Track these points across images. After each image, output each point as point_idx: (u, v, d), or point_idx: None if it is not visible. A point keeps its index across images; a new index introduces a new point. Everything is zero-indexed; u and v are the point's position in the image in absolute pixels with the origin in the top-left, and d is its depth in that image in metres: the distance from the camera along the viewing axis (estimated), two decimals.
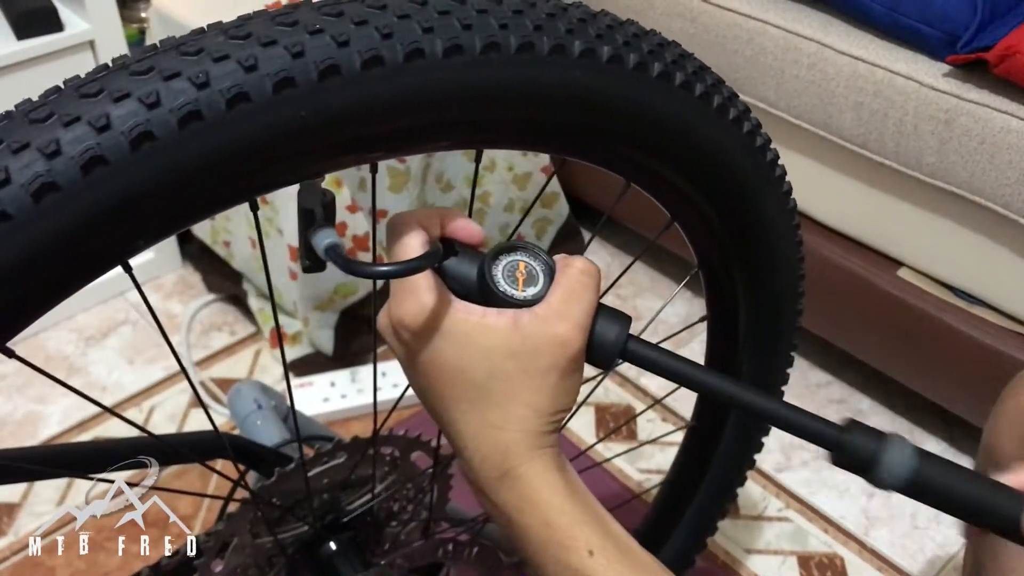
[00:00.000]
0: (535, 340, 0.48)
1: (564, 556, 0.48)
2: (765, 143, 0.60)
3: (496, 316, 0.49)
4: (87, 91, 0.39)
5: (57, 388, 1.48)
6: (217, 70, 0.39)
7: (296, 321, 1.56)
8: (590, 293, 0.50)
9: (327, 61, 0.41)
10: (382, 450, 0.76)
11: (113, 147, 0.38)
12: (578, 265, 0.50)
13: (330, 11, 0.42)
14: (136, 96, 0.38)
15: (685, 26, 1.38)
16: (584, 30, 0.48)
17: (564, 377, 0.49)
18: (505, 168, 1.59)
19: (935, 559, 1.31)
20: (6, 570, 1.24)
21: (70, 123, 0.38)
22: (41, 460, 0.73)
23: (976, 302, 1.28)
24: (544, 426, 0.49)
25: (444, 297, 0.49)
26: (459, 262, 0.50)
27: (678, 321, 1.64)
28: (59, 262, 0.39)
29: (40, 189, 0.37)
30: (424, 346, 0.49)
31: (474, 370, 0.49)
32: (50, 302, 0.41)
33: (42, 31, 1.39)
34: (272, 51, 0.40)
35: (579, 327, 0.49)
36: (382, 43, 0.42)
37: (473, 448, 0.50)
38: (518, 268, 0.50)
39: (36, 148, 0.37)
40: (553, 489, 0.49)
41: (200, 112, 0.39)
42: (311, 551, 0.77)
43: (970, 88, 1.14)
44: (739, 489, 0.92)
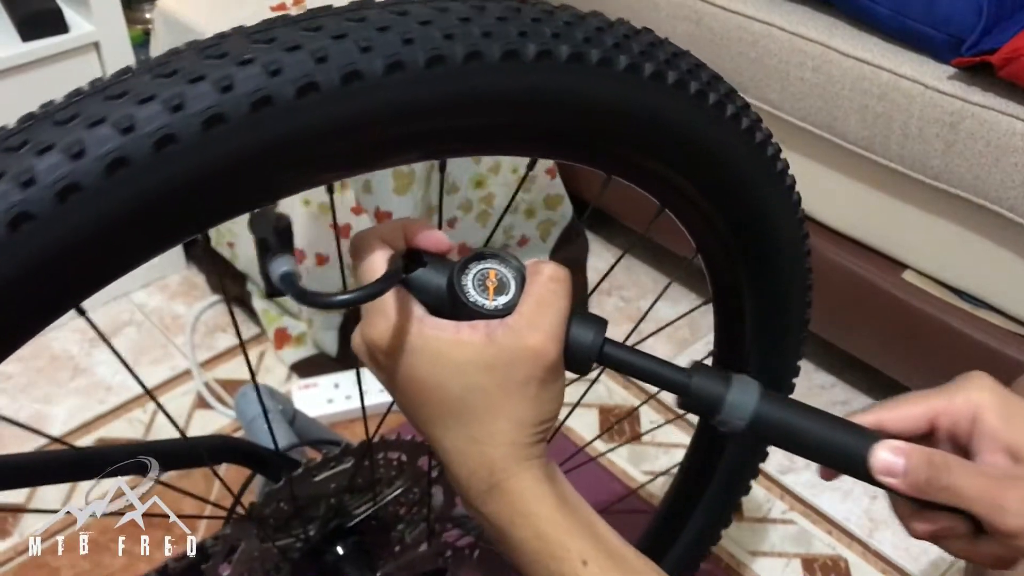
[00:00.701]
0: (510, 353, 0.47)
1: (557, 567, 0.48)
2: (765, 139, 0.59)
3: (469, 331, 0.48)
4: (111, 93, 0.39)
5: (62, 389, 1.48)
6: (242, 73, 0.39)
7: (300, 322, 1.56)
8: (561, 300, 0.49)
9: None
10: (388, 454, 0.76)
11: (136, 149, 0.38)
12: (547, 272, 0.49)
13: (353, 16, 0.42)
14: (160, 99, 0.38)
15: (690, 28, 1.38)
16: (603, 38, 0.48)
17: (543, 387, 0.48)
18: (510, 170, 1.59)
19: (939, 561, 1.31)
20: (10, 571, 1.24)
21: (94, 124, 0.38)
22: (46, 465, 0.73)
23: (980, 305, 1.28)
24: (529, 438, 0.49)
25: (415, 314, 0.48)
26: (427, 273, 0.49)
27: (683, 322, 1.64)
28: (84, 259, 0.39)
29: (64, 190, 0.37)
30: (399, 365, 0.48)
31: (451, 386, 0.48)
32: (75, 299, 0.41)
33: (47, 33, 1.39)
34: (297, 55, 0.40)
35: (552, 336, 0.48)
36: (403, 48, 0.42)
37: (459, 463, 0.49)
38: (488, 276, 0.49)
39: (60, 149, 0.37)
40: (542, 501, 0.49)
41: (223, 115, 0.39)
42: (317, 556, 0.77)
43: (975, 91, 1.14)
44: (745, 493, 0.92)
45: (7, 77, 1.37)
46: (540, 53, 0.46)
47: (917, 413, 0.51)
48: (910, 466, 0.48)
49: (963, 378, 0.52)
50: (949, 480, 0.48)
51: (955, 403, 0.50)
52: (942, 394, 0.51)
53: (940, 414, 0.51)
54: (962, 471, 0.48)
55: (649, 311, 0.77)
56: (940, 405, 0.51)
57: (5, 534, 1.29)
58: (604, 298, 1.71)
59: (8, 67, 1.36)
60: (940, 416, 0.51)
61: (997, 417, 0.49)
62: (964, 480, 0.48)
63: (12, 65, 1.36)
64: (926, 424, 0.51)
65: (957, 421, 0.50)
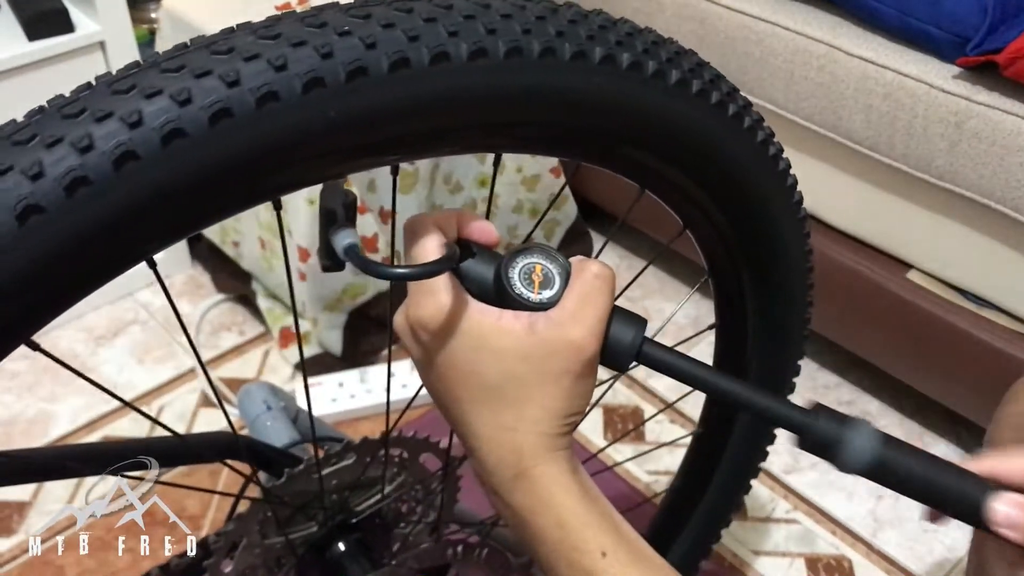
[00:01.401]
0: (550, 344, 0.48)
1: (577, 558, 0.49)
2: (768, 138, 0.59)
3: (512, 319, 0.49)
4: (119, 88, 0.39)
5: (67, 388, 1.49)
6: (248, 68, 0.40)
7: (305, 321, 1.56)
8: (604, 297, 0.50)
9: (355, 63, 0.41)
10: (391, 451, 0.76)
11: (144, 142, 0.38)
12: (593, 269, 0.50)
13: (358, 13, 0.43)
14: (168, 93, 0.39)
15: (694, 28, 1.38)
16: (607, 36, 0.48)
17: (578, 381, 0.50)
18: (514, 170, 1.59)
19: (943, 561, 1.31)
20: (16, 568, 1.25)
21: (102, 119, 0.38)
22: (50, 461, 0.73)
23: (985, 305, 1.28)
24: (558, 428, 0.50)
25: (461, 298, 0.49)
26: (476, 264, 0.51)
27: (687, 322, 1.64)
28: (91, 254, 0.39)
29: (72, 183, 0.37)
30: (441, 346, 0.50)
31: (489, 372, 0.49)
32: (80, 294, 0.41)
33: (53, 32, 1.39)
34: (301, 51, 0.41)
35: (593, 332, 0.49)
36: (408, 45, 0.42)
37: (487, 449, 0.50)
38: (534, 271, 0.51)
39: (69, 143, 0.37)
40: (567, 491, 0.49)
41: (230, 110, 0.39)
42: (320, 552, 0.77)
43: (980, 90, 1.13)
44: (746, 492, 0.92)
45: (13, 76, 1.38)
46: (544, 51, 0.46)
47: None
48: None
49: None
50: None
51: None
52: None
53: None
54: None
55: (656, 311, 0.77)
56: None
57: (10, 532, 1.29)
58: None
59: (14, 66, 1.37)
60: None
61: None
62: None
63: (18, 64, 1.37)
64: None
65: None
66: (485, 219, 0.52)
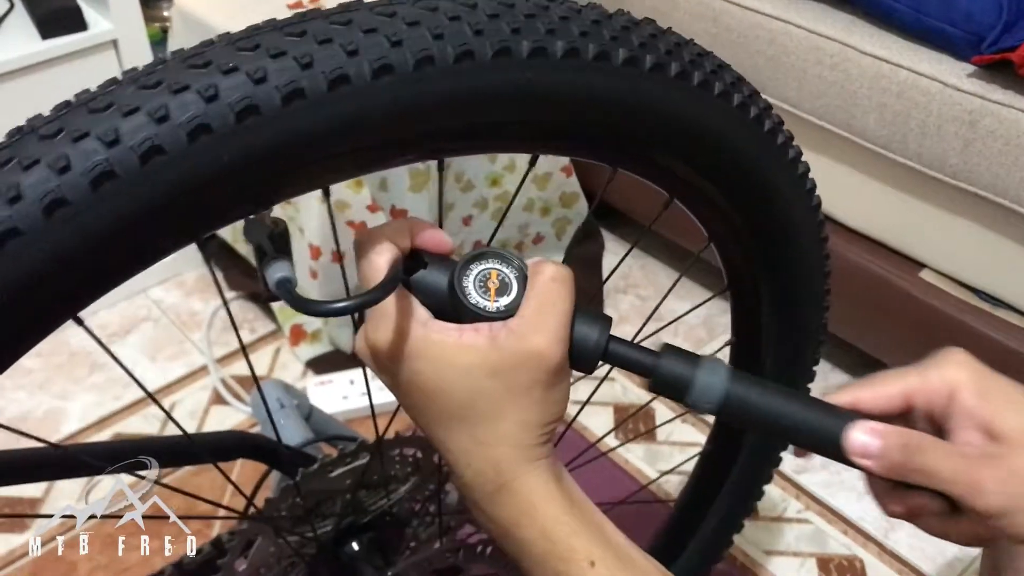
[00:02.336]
0: (514, 357, 0.47)
1: (564, 568, 0.47)
2: (786, 140, 0.59)
3: (473, 335, 0.47)
4: (146, 82, 0.39)
5: (79, 385, 1.49)
6: (275, 65, 0.40)
7: (316, 319, 1.57)
8: (564, 301, 0.48)
9: (381, 61, 0.41)
10: (403, 450, 0.76)
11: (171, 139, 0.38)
12: (548, 272, 0.48)
13: (384, 11, 0.43)
14: (195, 89, 0.39)
15: (708, 26, 1.37)
16: (628, 37, 0.48)
17: (548, 390, 0.48)
18: (525, 168, 1.59)
19: (955, 562, 1.30)
20: (28, 565, 1.25)
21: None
22: (56, 460, 0.73)
23: (999, 304, 1.27)
24: (534, 439, 0.48)
25: (418, 317, 0.48)
26: (429, 274, 0.49)
27: (698, 322, 1.64)
28: (114, 249, 0.39)
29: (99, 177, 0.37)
30: (402, 369, 0.48)
31: (456, 390, 0.47)
32: (114, 281, 0.41)
33: (66, 31, 1.40)
34: (326, 51, 0.41)
35: (557, 338, 0.47)
36: (433, 43, 0.42)
37: (464, 464, 0.49)
38: (490, 277, 0.49)
39: (96, 136, 0.38)
40: (549, 501, 0.48)
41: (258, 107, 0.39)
42: (332, 552, 0.77)
43: (995, 89, 1.13)
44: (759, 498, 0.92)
45: (27, 74, 1.38)
46: (568, 51, 0.46)
47: (893, 392, 0.50)
48: (885, 447, 0.47)
49: (939, 355, 0.50)
50: (924, 461, 0.47)
51: (931, 381, 0.49)
52: (918, 372, 0.50)
53: (916, 392, 0.49)
54: (937, 452, 0.47)
55: (669, 312, 0.77)
56: (916, 383, 0.50)
57: (22, 528, 1.30)
58: (620, 296, 1.71)
59: (28, 64, 1.37)
60: (916, 394, 0.50)
61: (973, 395, 0.48)
62: (939, 461, 0.47)
63: (32, 63, 1.38)
64: (902, 403, 0.50)
65: (933, 399, 0.49)
66: (438, 226, 0.50)
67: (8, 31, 1.41)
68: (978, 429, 0.47)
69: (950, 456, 0.47)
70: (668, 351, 0.50)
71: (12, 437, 0.51)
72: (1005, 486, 0.46)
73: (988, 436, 0.47)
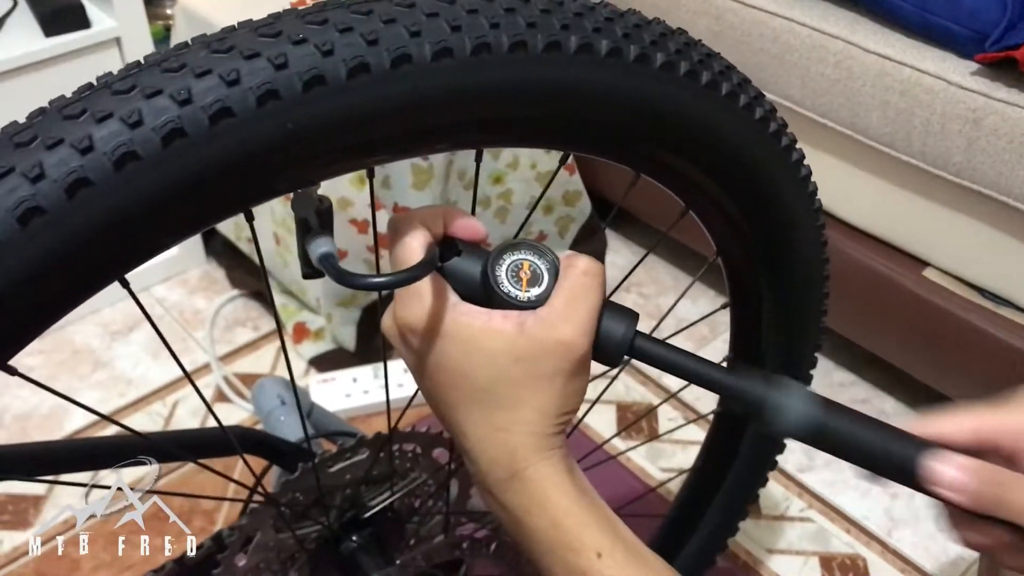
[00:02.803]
0: (540, 344, 0.48)
1: (572, 558, 0.48)
2: (780, 131, 0.59)
3: (501, 320, 0.48)
4: (119, 87, 0.39)
5: (83, 382, 1.49)
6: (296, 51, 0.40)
7: (319, 317, 1.57)
8: (594, 293, 0.49)
9: (400, 50, 0.42)
10: (403, 446, 0.76)
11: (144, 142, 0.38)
12: (580, 265, 0.50)
13: (360, 9, 0.43)
14: (167, 93, 0.39)
15: (711, 24, 1.37)
16: (642, 35, 0.49)
17: (570, 380, 0.49)
18: (528, 166, 1.59)
19: (958, 560, 1.30)
20: (32, 562, 1.25)
21: (103, 119, 0.38)
22: (59, 456, 0.73)
23: (1003, 303, 1.27)
24: (551, 428, 0.49)
25: (449, 300, 0.48)
26: (463, 261, 0.50)
27: (698, 317, 1.64)
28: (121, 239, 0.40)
29: (122, 158, 0.38)
30: (429, 349, 0.49)
31: (479, 374, 0.48)
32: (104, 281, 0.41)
33: (69, 28, 1.40)
34: (349, 37, 0.41)
35: (583, 330, 0.48)
36: (410, 40, 0.42)
37: (480, 450, 0.50)
38: (522, 268, 0.50)
39: (119, 118, 0.38)
40: (561, 491, 0.49)
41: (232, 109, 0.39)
42: (333, 547, 0.77)
43: (999, 87, 1.12)
44: (760, 489, 0.92)
45: (30, 72, 1.38)
46: (581, 47, 0.46)
47: (968, 427, 0.50)
48: (972, 482, 0.48)
49: (1017, 393, 0.51)
50: (1008, 496, 0.47)
51: (1007, 419, 0.50)
52: (996, 409, 0.50)
53: (991, 429, 0.50)
54: (1021, 488, 0.47)
55: (671, 310, 0.77)
56: (994, 421, 0.50)
57: (26, 525, 1.30)
58: (623, 295, 1.71)
59: (31, 62, 1.38)
60: (991, 431, 0.50)
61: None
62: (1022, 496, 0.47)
63: (35, 60, 1.38)
64: (976, 438, 0.50)
65: (1008, 437, 0.49)
66: (471, 215, 0.51)
67: (11, 29, 1.41)
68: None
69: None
70: (742, 369, 0.51)
71: (14, 432, 0.51)
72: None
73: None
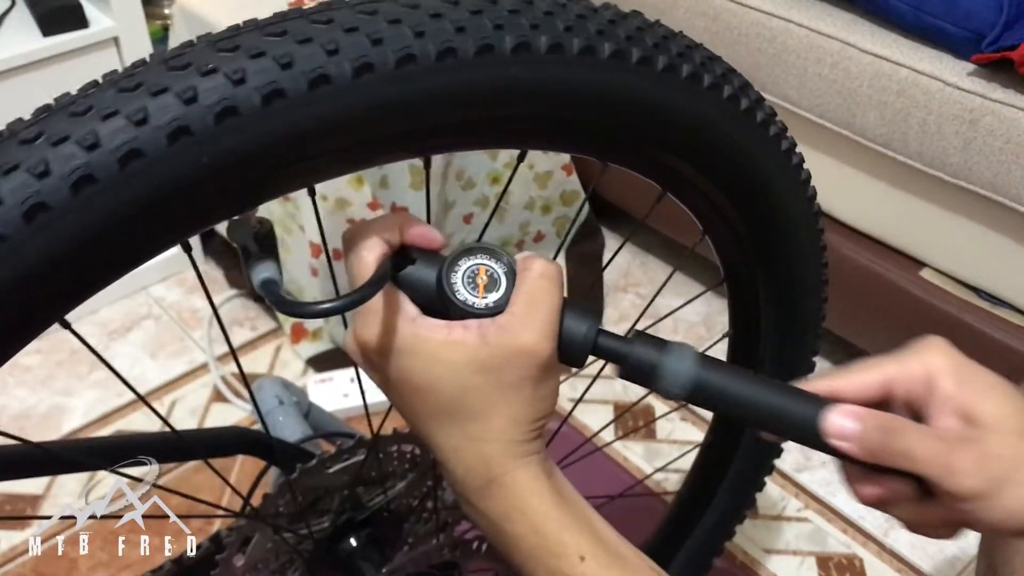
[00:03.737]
0: (503, 353, 0.47)
1: (555, 563, 0.48)
2: (779, 132, 0.60)
3: (462, 331, 0.47)
4: (125, 85, 0.39)
5: (81, 382, 1.49)
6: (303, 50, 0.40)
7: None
8: (552, 297, 0.48)
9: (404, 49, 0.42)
10: (401, 447, 0.76)
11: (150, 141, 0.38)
12: (537, 268, 0.48)
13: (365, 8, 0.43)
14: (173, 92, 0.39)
15: (708, 24, 1.37)
16: (615, 32, 0.48)
17: (538, 386, 0.48)
18: (526, 166, 1.59)
19: (954, 560, 1.30)
20: (30, 561, 1.25)
21: (108, 117, 0.38)
22: (57, 455, 0.73)
23: (999, 303, 1.27)
24: (524, 435, 0.49)
25: (407, 314, 0.47)
26: (417, 270, 0.48)
27: (698, 319, 1.64)
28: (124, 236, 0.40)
29: (127, 155, 0.38)
30: (391, 366, 0.48)
31: (445, 387, 0.47)
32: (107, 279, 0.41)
33: (67, 28, 1.40)
34: (354, 36, 0.41)
35: (545, 334, 0.47)
36: (414, 41, 0.42)
37: (455, 460, 0.49)
38: (478, 273, 0.48)
39: (124, 115, 0.38)
40: (540, 496, 0.48)
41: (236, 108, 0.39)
42: (330, 548, 0.77)
43: (995, 87, 1.13)
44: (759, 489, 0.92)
45: (28, 71, 1.38)
46: (583, 49, 0.46)
47: (870, 379, 0.50)
48: (864, 430, 0.48)
49: (918, 343, 0.50)
50: (902, 443, 0.47)
51: (909, 368, 0.49)
52: (896, 360, 0.50)
53: (894, 379, 0.50)
54: (915, 434, 0.47)
55: (667, 309, 0.77)
56: (894, 371, 0.50)
57: (23, 524, 1.30)
58: (620, 295, 1.71)
59: (29, 62, 1.38)
60: (894, 381, 0.50)
61: (951, 380, 0.48)
62: (917, 443, 0.47)
63: (33, 60, 1.38)
64: (879, 390, 0.50)
65: (911, 386, 0.49)
66: (426, 223, 0.50)
67: (9, 28, 1.41)
68: (955, 414, 0.48)
69: (927, 438, 0.47)
70: (638, 337, 0.50)
71: (13, 431, 0.51)
72: (980, 468, 0.46)
73: (965, 421, 0.47)
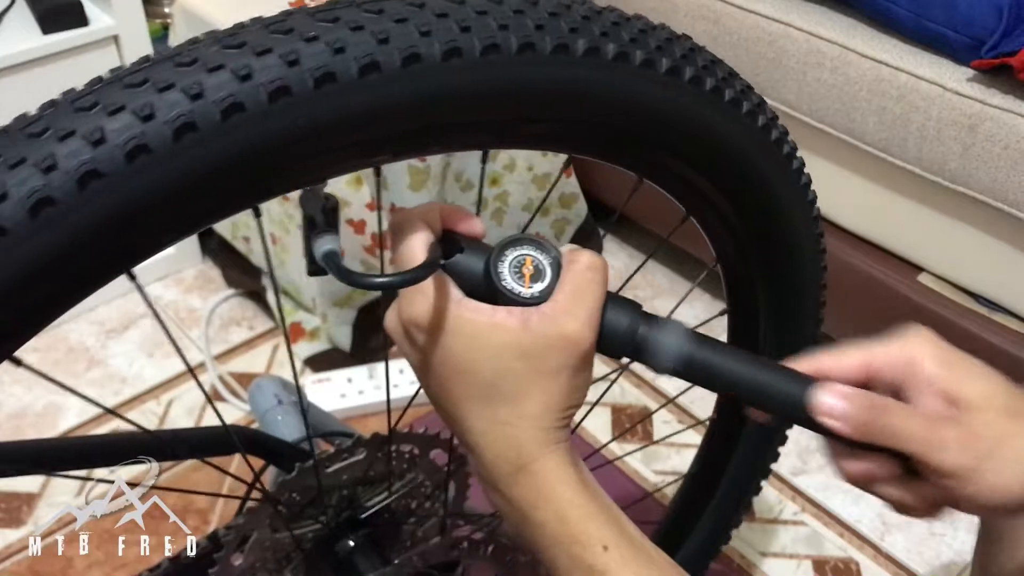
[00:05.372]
0: (545, 340, 0.48)
1: (578, 551, 0.48)
2: (782, 138, 0.60)
3: (505, 315, 0.48)
4: (131, 81, 0.40)
5: (78, 380, 1.49)
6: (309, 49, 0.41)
7: (314, 317, 1.57)
8: (597, 288, 0.50)
9: (368, 57, 0.42)
10: (401, 447, 0.76)
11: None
12: (584, 260, 0.50)
13: (371, 8, 0.43)
14: (180, 87, 0.39)
15: (708, 28, 1.37)
16: (618, 33, 0.49)
17: (575, 374, 0.49)
18: (525, 168, 1.59)
19: (951, 565, 1.31)
20: (25, 560, 1.25)
21: (115, 112, 0.38)
22: (54, 453, 0.73)
23: (997, 309, 1.27)
24: (556, 422, 0.50)
25: (453, 296, 0.49)
26: (466, 258, 0.50)
27: (697, 323, 1.64)
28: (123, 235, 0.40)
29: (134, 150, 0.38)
30: (434, 345, 0.49)
31: (485, 369, 0.48)
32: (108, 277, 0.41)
33: (67, 26, 1.40)
34: (360, 35, 0.41)
35: (588, 324, 0.49)
36: (420, 40, 0.43)
37: (485, 444, 0.50)
38: (525, 263, 0.50)
39: (131, 111, 0.38)
40: (567, 484, 0.49)
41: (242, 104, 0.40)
42: (329, 548, 0.77)
43: (994, 93, 1.13)
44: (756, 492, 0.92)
45: (28, 69, 1.38)
46: (587, 50, 0.47)
47: (856, 361, 0.51)
48: (851, 408, 0.49)
49: (901, 329, 0.52)
50: (888, 421, 0.48)
51: (893, 351, 0.51)
52: (880, 344, 0.51)
53: (878, 362, 0.51)
54: (901, 412, 0.48)
55: (666, 312, 0.77)
56: (878, 353, 0.51)
57: (19, 523, 1.30)
58: None
59: (29, 59, 1.38)
60: (878, 364, 0.51)
61: (934, 363, 0.50)
62: (903, 421, 0.48)
63: (33, 57, 1.38)
64: (862, 372, 0.51)
65: (894, 369, 0.50)
66: (473, 212, 0.51)
67: (9, 26, 1.41)
68: (938, 396, 0.49)
69: (912, 415, 0.48)
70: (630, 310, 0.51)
71: (8, 430, 0.51)
72: (964, 445, 0.47)
73: (949, 403, 0.49)
